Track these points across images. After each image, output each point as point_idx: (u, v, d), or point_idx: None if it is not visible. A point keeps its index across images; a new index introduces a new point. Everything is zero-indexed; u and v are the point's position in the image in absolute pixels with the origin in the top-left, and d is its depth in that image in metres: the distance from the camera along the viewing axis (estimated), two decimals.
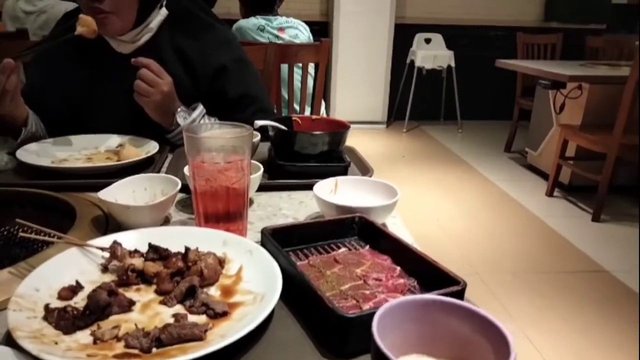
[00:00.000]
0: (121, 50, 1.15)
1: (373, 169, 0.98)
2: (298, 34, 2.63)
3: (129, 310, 0.52)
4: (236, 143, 0.68)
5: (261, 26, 2.55)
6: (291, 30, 2.63)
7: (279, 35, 2.58)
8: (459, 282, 0.52)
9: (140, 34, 1.13)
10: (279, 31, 2.58)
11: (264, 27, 2.55)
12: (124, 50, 1.14)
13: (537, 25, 5.34)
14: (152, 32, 1.14)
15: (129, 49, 1.14)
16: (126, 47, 1.14)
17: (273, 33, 2.57)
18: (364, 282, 0.57)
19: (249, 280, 0.57)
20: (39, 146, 1.05)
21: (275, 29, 2.58)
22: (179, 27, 1.18)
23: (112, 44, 1.14)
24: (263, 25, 2.56)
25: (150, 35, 1.14)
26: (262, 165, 0.86)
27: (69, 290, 0.53)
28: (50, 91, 1.16)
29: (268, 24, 2.59)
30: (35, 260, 0.60)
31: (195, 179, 0.68)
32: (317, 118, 1.09)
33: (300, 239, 0.67)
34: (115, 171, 0.94)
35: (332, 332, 0.48)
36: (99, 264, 0.59)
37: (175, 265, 0.56)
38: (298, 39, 2.60)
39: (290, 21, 2.66)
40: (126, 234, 0.64)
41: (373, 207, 0.72)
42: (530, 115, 3.88)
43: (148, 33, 1.14)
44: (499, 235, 2.81)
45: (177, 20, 1.18)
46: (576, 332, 1.95)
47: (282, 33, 2.59)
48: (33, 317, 0.48)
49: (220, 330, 0.49)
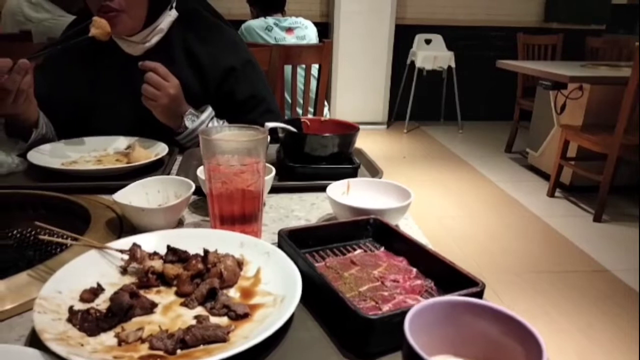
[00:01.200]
0: (131, 52, 1.15)
1: (382, 171, 0.99)
2: (306, 35, 2.64)
3: (151, 312, 0.52)
4: (251, 146, 0.68)
5: (269, 26, 2.56)
6: (300, 31, 2.63)
7: (286, 36, 2.59)
8: (477, 284, 0.53)
9: (151, 34, 1.13)
10: (287, 32, 2.59)
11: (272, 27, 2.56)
12: (134, 52, 1.15)
13: (537, 25, 5.36)
14: (163, 33, 1.15)
15: (139, 50, 1.14)
16: (136, 48, 1.14)
17: (281, 34, 2.58)
18: (381, 284, 0.57)
19: (267, 282, 0.58)
20: (49, 148, 1.06)
21: (283, 30, 2.58)
22: (188, 29, 1.18)
23: (121, 46, 1.14)
24: (271, 26, 2.57)
25: (160, 36, 1.15)
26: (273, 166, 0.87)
27: (90, 293, 0.54)
28: (60, 93, 1.16)
29: (277, 23, 2.59)
30: (54, 263, 0.60)
31: (211, 182, 0.69)
32: (326, 120, 1.10)
33: (316, 240, 0.67)
34: (125, 173, 0.95)
35: (354, 333, 0.48)
36: (118, 266, 0.60)
37: (195, 267, 0.57)
38: (305, 40, 2.60)
39: (300, 22, 2.66)
40: (144, 236, 0.64)
41: (387, 209, 0.72)
42: (531, 115, 3.90)
43: (158, 34, 1.14)
44: (501, 236, 2.82)
45: (187, 22, 1.18)
46: (578, 330, 1.96)
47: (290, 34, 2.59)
48: (58, 319, 0.49)
49: (242, 331, 0.49)
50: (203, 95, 1.18)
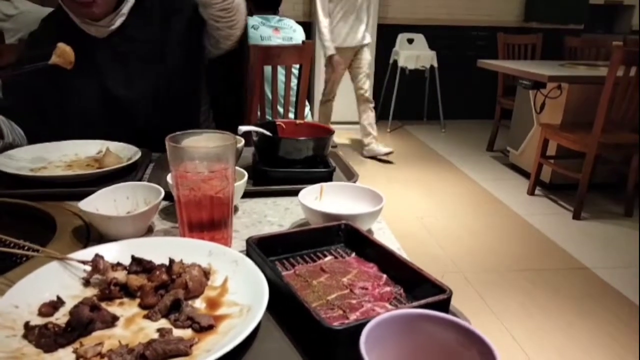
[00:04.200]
0: (95, 34, 1.20)
1: (358, 174, 0.98)
2: (293, 37, 2.62)
3: (113, 325, 0.51)
4: (220, 152, 0.67)
5: (255, 25, 2.54)
6: (286, 33, 2.62)
7: (272, 34, 2.57)
8: (444, 290, 0.52)
9: (115, 19, 1.19)
10: (274, 31, 2.57)
11: (258, 25, 2.54)
12: (99, 35, 1.20)
13: (517, 25, 5.42)
14: (124, 17, 1.21)
15: (104, 33, 1.20)
16: (101, 31, 1.19)
17: (267, 31, 2.56)
18: (350, 292, 0.57)
19: (234, 292, 0.57)
20: (18, 154, 1.03)
21: (270, 28, 2.56)
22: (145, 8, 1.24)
23: (86, 29, 1.19)
24: (257, 25, 2.55)
25: (122, 19, 1.21)
26: (246, 171, 0.86)
27: (49, 306, 0.52)
28: (23, 86, 1.17)
29: (264, 22, 2.57)
30: (14, 275, 0.58)
31: (178, 189, 0.67)
32: (301, 122, 1.09)
33: (286, 247, 0.66)
34: (96, 179, 0.93)
35: (319, 344, 0.48)
36: (81, 277, 0.58)
37: (160, 278, 0.55)
38: (291, 42, 2.58)
39: (288, 24, 2.65)
40: (108, 246, 0.63)
41: (359, 214, 0.72)
42: (512, 114, 3.94)
43: (121, 17, 1.20)
44: (482, 234, 2.84)
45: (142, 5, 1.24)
46: (558, 328, 1.99)
47: (276, 33, 2.58)
48: (12, 335, 0.47)
49: (206, 344, 0.48)
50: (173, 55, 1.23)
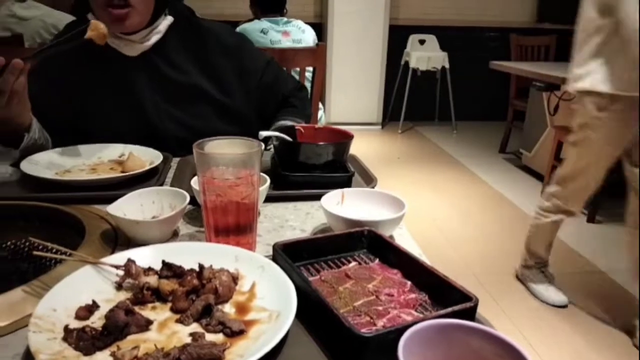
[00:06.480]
0: (127, 53, 1.15)
1: (377, 178, 0.99)
2: (303, 39, 2.63)
3: (147, 329, 0.52)
4: (246, 158, 0.68)
5: (264, 29, 2.55)
6: (296, 34, 2.63)
7: (282, 38, 2.58)
8: (470, 299, 0.53)
9: (149, 35, 1.14)
10: (283, 35, 2.58)
11: (268, 30, 2.55)
12: (131, 53, 1.15)
13: (530, 26, 5.38)
14: (161, 34, 1.16)
15: (137, 51, 1.15)
16: (133, 48, 1.14)
17: (276, 36, 2.57)
18: (376, 298, 0.58)
19: (262, 297, 0.58)
20: (42, 157, 1.05)
21: (279, 32, 2.57)
22: (185, 29, 1.21)
23: (118, 47, 1.14)
24: (267, 29, 2.56)
25: (158, 37, 1.15)
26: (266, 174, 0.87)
27: (85, 310, 0.54)
28: (54, 98, 1.16)
29: (273, 26, 2.59)
30: (49, 279, 0.60)
31: (205, 194, 0.69)
32: (320, 127, 1.10)
33: (311, 252, 0.67)
34: (120, 182, 0.94)
35: (348, 350, 0.49)
36: (113, 281, 0.59)
37: (191, 283, 0.57)
38: (301, 44, 2.60)
39: (297, 25, 2.66)
40: (139, 250, 0.64)
41: (382, 221, 0.73)
42: (525, 116, 3.91)
43: (157, 34, 1.15)
44: (495, 236, 2.83)
45: (181, 25, 1.20)
46: (573, 332, 1.98)
47: (286, 37, 2.59)
48: (53, 338, 0.49)
49: (238, 349, 0.49)
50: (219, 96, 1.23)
